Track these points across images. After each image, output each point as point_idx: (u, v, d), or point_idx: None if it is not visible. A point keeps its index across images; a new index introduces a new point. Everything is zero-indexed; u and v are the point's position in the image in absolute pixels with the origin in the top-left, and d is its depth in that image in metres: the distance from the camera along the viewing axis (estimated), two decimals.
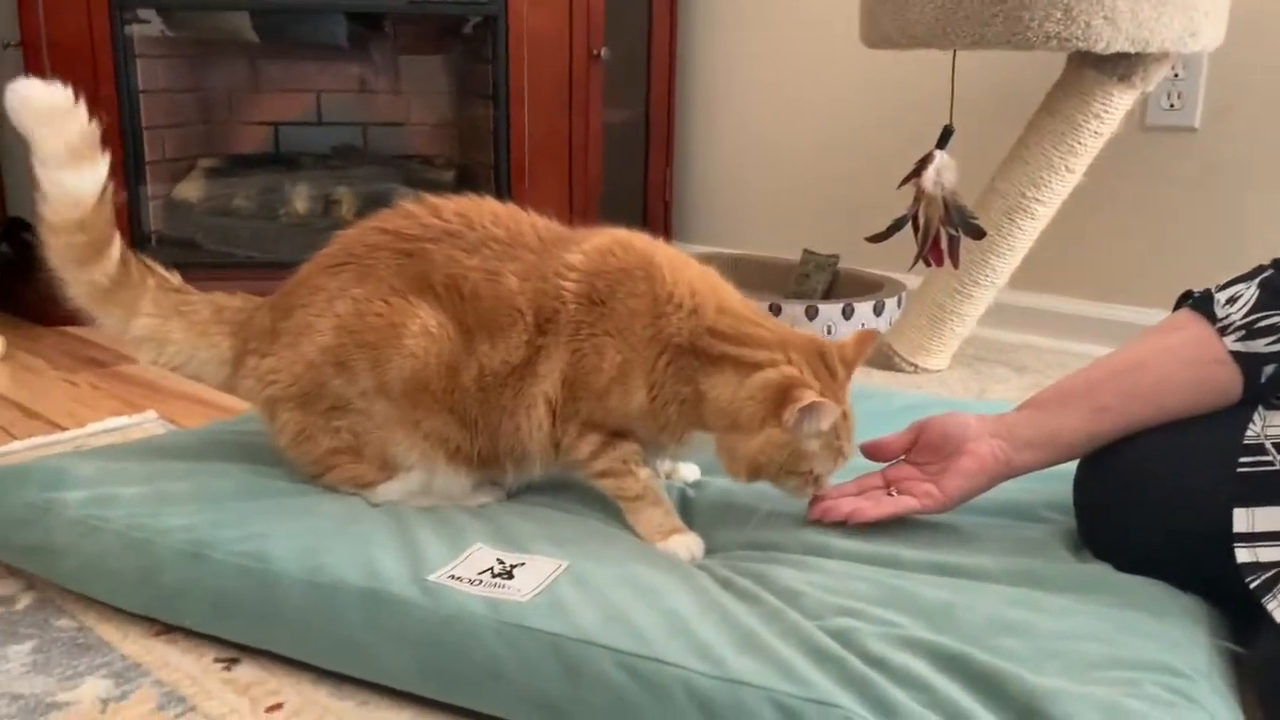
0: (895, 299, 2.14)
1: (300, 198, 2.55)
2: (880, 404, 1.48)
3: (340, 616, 0.92)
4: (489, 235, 1.11)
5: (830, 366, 1.04)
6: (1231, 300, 0.98)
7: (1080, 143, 1.70)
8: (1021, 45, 1.54)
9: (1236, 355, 0.96)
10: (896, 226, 1.71)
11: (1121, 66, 1.63)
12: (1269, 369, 0.95)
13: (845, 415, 1.04)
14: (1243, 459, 0.92)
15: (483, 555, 0.98)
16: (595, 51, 2.44)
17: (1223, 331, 0.97)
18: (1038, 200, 1.75)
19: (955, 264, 1.69)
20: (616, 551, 1.01)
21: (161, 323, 1.15)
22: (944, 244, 1.68)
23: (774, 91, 2.58)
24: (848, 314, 2.07)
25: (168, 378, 1.83)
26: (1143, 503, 0.98)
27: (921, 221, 1.69)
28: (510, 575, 0.94)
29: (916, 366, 1.89)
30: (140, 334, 1.15)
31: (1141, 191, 2.02)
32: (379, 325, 1.07)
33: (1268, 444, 0.92)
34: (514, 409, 1.08)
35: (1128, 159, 1.96)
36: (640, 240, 1.12)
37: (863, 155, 2.41)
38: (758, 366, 1.02)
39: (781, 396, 1.00)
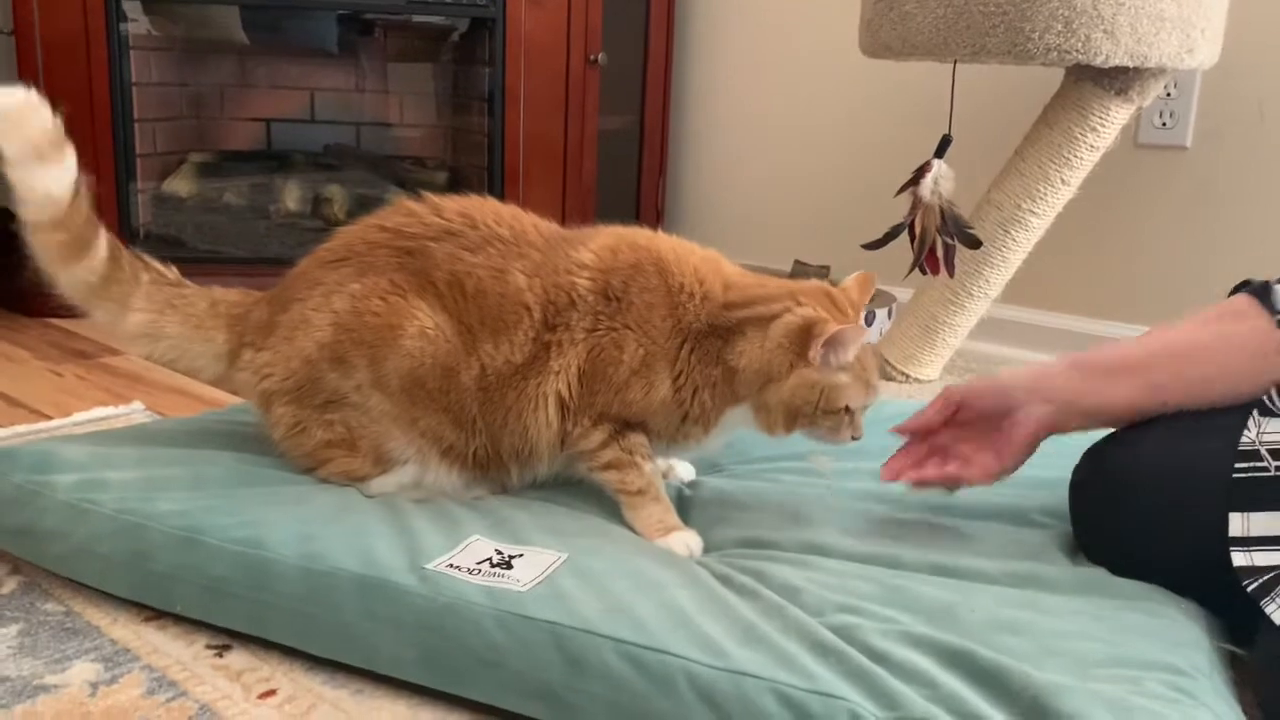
0: (886, 310, 2.15)
1: (291, 195, 2.54)
2: (871, 411, 1.48)
3: (336, 603, 0.90)
4: (493, 234, 1.11)
5: (840, 306, 1.07)
6: None
7: (1076, 156, 1.71)
8: (1021, 57, 1.55)
9: None
10: (892, 234, 1.72)
11: (1120, 81, 1.65)
12: None
13: (867, 348, 1.07)
14: (1238, 465, 0.92)
15: (481, 546, 0.97)
16: (592, 57, 2.44)
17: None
18: (1032, 212, 1.76)
19: (951, 273, 1.70)
20: (615, 545, 1.00)
21: (156, 317, 1.14)
22: (940, 253, 1.68)
23: (769, 100, 2.59)
24: None
25: (154, 370, 1.81)
26: (1139, 508, 0.99)
27: (918, 230, 1.69)
28: (509, 565, 0.93)
29: (908, 376, 1.90)
30: (133, 330, 1.14)
31: (1133, 208, 2.04)
32: (376, 324, 1.06)
33: (1263, 450, 0.92)
34: (520, 408, 1.08)
35: (1120, 176, 1.98)
36: (644, 235, 1.13)
37: (857, 165, 2.42)
38: (775, 317, 1.05)
39: (804, 335, 1.02)
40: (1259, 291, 0.98)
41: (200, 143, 2.59)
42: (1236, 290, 1.02)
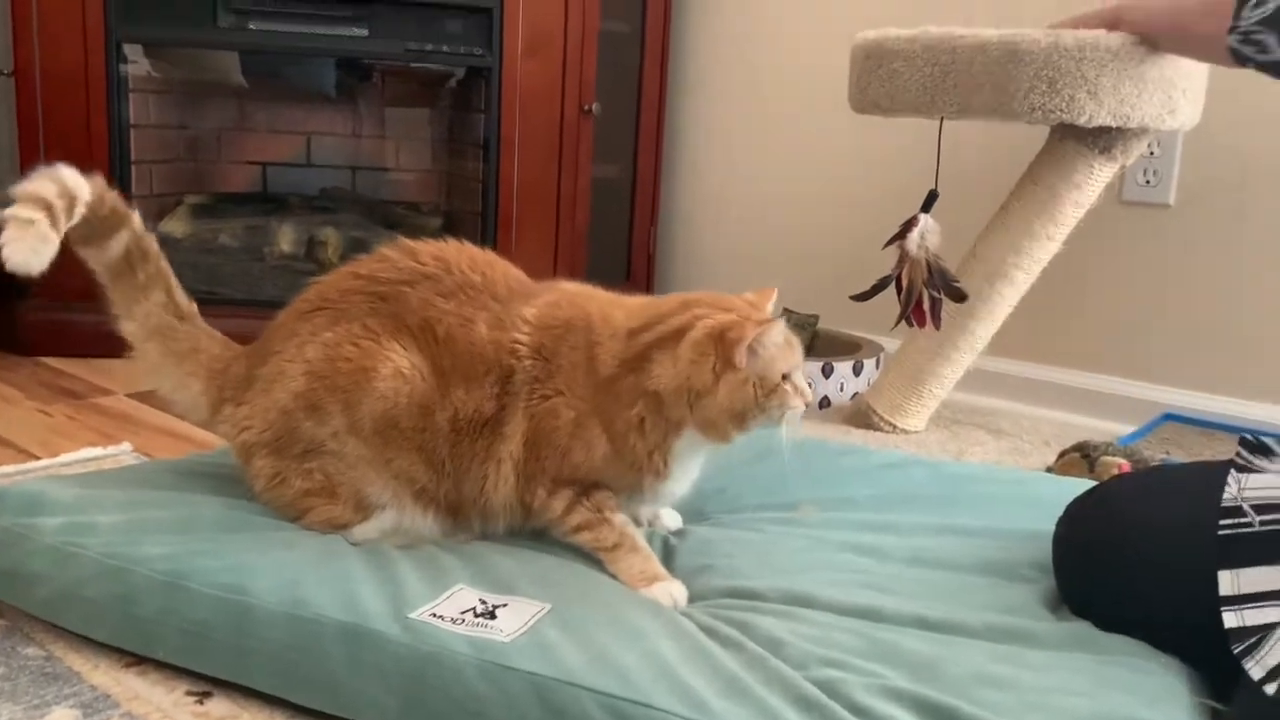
0: (874, 360, 2.16)
1: (286, 238, 2.55)
2: (859, 460, 1.49)
3: (320, 651, 0.90)
4: (466, 280, 1.11)
5: (731, 305, 1.08)
6: (1258, 4, 1.19)
7: (1061, 212, 1.73)
8: (1007, 116, 1.58)
9: (1231, 50, 1.24)
10: (880, 286, 1.73)
11: (1103, 140, 1.68)
12: (1251, 65, 1.22)
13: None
14: (1222, 521, 0.93)
15: (465, 595, 0.98)
16: (586, 107, 2.48)
17: (1232, 30, 1.22)
18: (1018, 267, 1.78)
19: (937, 326, 1.71)
20: (600, 595, 1.00)
21: (142, 337, 1.17)
22: (926, 306, 1.70)
23: (760, 152, 2.62)
24: (827, 372, 2.09)
25: (144, 410, 1.81)
26: (1120, 564, 0.99)
27: (905, 283, 1.71)
28: (493, 615, 0.94)
29: (894, 426, 1.91)
30: (125, 336, 1.17)
31: (1117, 264, 2.06)
32: (349, 370, 1.07)
33: (1245, 505, 0.93)
34: (484, 458, 1.08)
35: (1105, 232, 2.01)
36: (584, 293, 1.14)
37: (846, 217, 2.45)
38: (680, 331, 1.04)
39: (720, 343, 1.02)
40: None
41: (197, 185, 2.61)
42: None
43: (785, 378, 1.05)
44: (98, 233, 1.12)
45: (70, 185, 1.05)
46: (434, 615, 0.92)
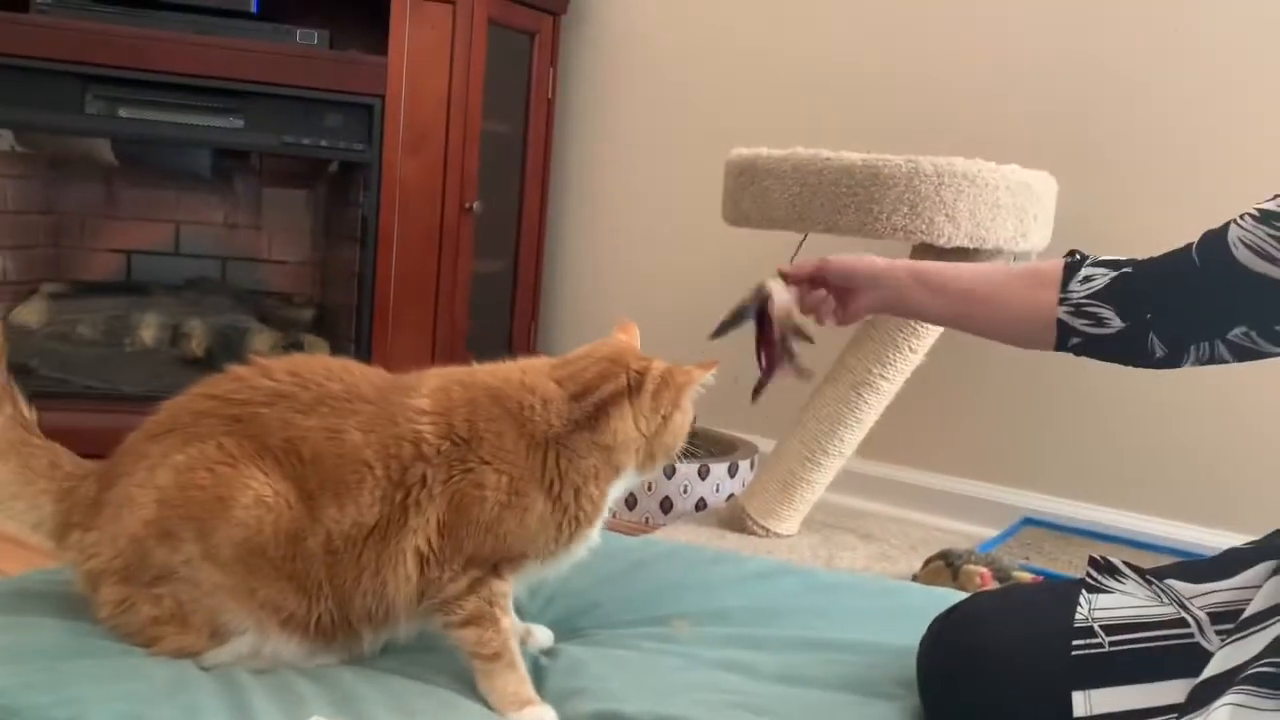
0: (749, 460, 2.19)
1: (149, 328, 2.47)
2: (732, 569, 1.50)
3: None
4: (325, 392, 1.08)
5: (638, 351, 1.18)
6: (1087, 280, 1.07)
7: (923, 326, 1.81)
8: (870, 234, 1.65)
9: (1059, 322, 1.09)
10: (737, 318, 1.73)
11: (961, 259, 1.76)
12: (1075, 341, 1.09)
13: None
14: (1075, 641, 0.96)
15: None
16: (468, 205, 2.49)
17: (1062, 302, 1.08)
18: (883, 376, 1.84)
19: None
20: None
21: None
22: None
23: (638, 255, 2.67)
24: (704, 474, 2.10)
25: None
26: (981, 684, 1.02)
27: (771, 317, 1.71)
28: None
29: (768, 530, 1.93)
30: None
31: (978, 375, 2.16)
32: (202, 498, 1.02)
33: (1095, 626, 0.96)
34: (378, 566, 1.04)
35: (966, 342, 2.10)
36: (462, 371, 1.14)
37: (719, 316, 2.50)
38: (633, 388, 1.11)
39: (667, 388, 1.11)
40: (1069, 267, 1.10)
41: (56, 271, 2.51)
42: (1069, 255, 1.13)
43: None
44: None
45: None
46: None
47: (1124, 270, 1.06)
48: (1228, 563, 0.97)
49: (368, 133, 2.35)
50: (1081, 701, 0.93)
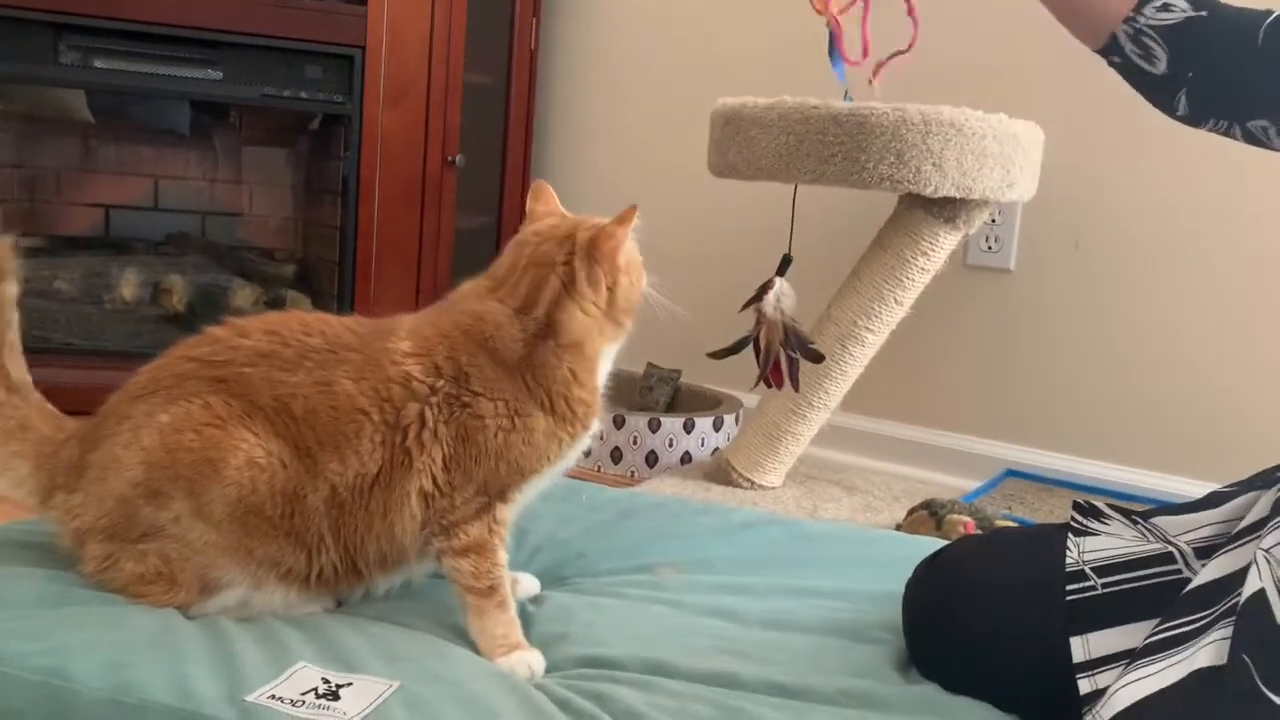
0: (734, 415, 2.19)
1: (129, 284, 2.44)
2: (717, 519, 1.50)
3: None
4: (306, 347, 1.07)
5: (560, 223, 1.19)
6: (1165, 8, 1.00)
7: (908, 277, 1.80)
8: (857, 184, 1.64)
9: (1113, 35, 1.02)
10: (739, 346, 1.76)
11: (947, 210, 1.76)
12: (1116, 60, 1.04)
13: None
14: (1069, 587, 0.96)
15: (307, 674, 0.93)
16: (450, 158, 2.46)
17: (1128, 20, 1.01)
18: (868, 329, 1.84)
19: (795, 387, 1.75)
20: (452, 670, 0.97)
21: None
22: (784, 367, 1.73)
23: (623, 208, 2.64)
24: (689, 428, 2.10)
25: None
26: (966, 627, 1.02)
27: (763, 345, 1.74)
28: (336, 696, 0.89)
29: (753, 483, 1.93)
30: None
31: (962, 326, 2.16)
32: (190, 460, 1.01)
33: (1087, 569, 0.96)
34: (386, 510, 1.04)
35: (950, 295, 2.10)
36: (423, 314, 1.13)
37: (705, 277, 2.48)
38: (564, 286, 1.10)
39: (596, 263, 1.12)
40: None
41: (31, 227, 2.47)
42: None
43: None
44: None
45: None
46: (272, 697, 0.88)
47: (1201, 13, 1.00)
48: (1210, 501, 0.98)
49: (348, 84, 2.32)
50: (1080, 646, 0.93)
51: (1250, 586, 0.80)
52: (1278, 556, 0.80)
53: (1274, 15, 0.97)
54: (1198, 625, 0.83)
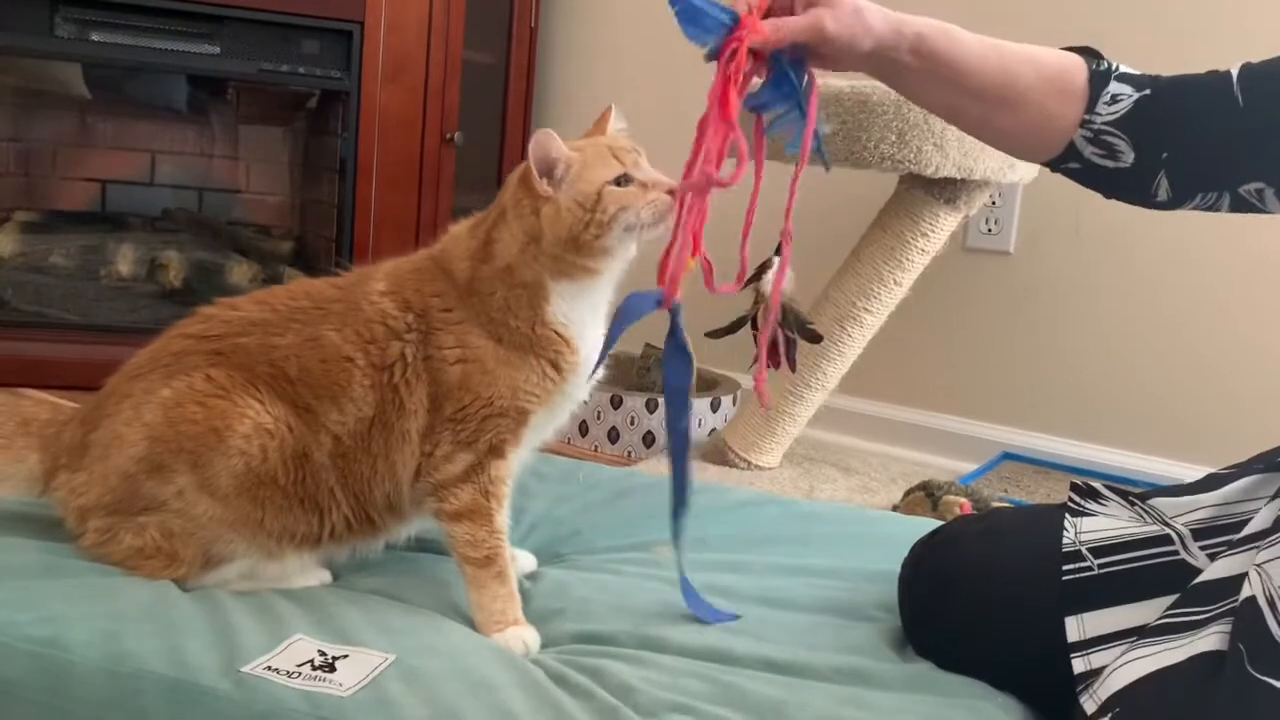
0: (731, 396, 2.19)
1: (125, 259, 2.43)
2: (714, 498, 1.50)
3: (142, 710, 0.85)
4: (294, 309, 1.08)
5: None
6: (1115, 100, 0.95)
7: (908, 259, 1.80)
8: (858, 164, 1.64)
9: (1070, 143, 0.96)
10: (736, 326, 1.75)
11: (948, 190, 1.75)
12: (1074, 165, 0.97)
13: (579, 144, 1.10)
14: (1065, 567, 0.96)
15: (303, 646, 0.93)
16: (449, 135, 2.45)
17: (1084, 124, 0.95)
18: (867, 310, 1.83)
19: (793, 368, 1.74)
20: (448, 643, 0.97)
21: None
22: (782, 348, 1.73)
23: None
24: None
25: None
26: (962, 605, 1.02)
27: (760, 325, 1.74)
28: (332, 668, 0.89)
29: (750, 463, 1.93)
30: None
31: (960, 308, 2.16)
32: (195, 431, 1.01)
33: (1083, 550, 0.96)
34: (387, 449, 1.05)
35: (949, 277, 2.09)
36: (410, 257, 1.13)
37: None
38: (502, 211, 1.06)
39: (523, 182, 1.04)
40: (1096, 78, 0.96)
41: (27, 201, 2.46)
42: (1086, 54, 0.99)
43: (622, 181, 1.06)
44: None
45: None
46: (269, 668, 0.88)
47: (1145, 92, 0.94)
48: (1208, 483, 0.98)
49: (346, 60, 2.31)
50: (1074, 626, 0.93)
51: (1245, 593, 0.81)
52: (1270, 572, 0.80)
53: (1240, 69, 0.92)
54: (1203, 617, 0.84)
